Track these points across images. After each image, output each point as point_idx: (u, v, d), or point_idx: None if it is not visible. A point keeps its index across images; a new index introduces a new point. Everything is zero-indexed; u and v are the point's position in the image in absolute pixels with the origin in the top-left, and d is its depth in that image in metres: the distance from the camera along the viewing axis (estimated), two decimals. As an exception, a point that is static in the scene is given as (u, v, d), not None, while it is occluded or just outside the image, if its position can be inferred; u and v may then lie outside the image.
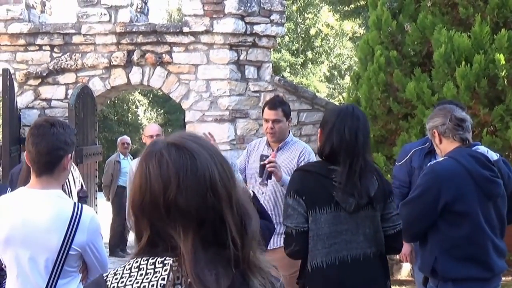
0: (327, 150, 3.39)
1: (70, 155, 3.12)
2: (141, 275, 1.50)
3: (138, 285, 1.48)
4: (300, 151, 4.91)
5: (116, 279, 1.52)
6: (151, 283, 1.47)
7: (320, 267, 3.30)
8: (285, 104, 5.20)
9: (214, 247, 1.52)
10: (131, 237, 10.32)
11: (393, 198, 3.55)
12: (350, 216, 3.33)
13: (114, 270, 1.55)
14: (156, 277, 1.48)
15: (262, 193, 4.77)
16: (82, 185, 5.58)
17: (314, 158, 4.84)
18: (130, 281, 1.50)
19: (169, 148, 1.56)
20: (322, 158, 3.47)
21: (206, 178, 1.53)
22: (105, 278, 1.54)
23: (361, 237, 3.36)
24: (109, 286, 1.51)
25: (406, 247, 4.99)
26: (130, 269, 1.52)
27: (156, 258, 1.51)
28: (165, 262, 1.50)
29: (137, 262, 1.53)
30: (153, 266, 1.50)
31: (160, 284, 1.47)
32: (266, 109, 5.06)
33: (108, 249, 10.13)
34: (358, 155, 3.32)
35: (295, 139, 5.15)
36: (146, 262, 1.51)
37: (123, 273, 1.52)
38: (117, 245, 10.38)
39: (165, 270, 1.49)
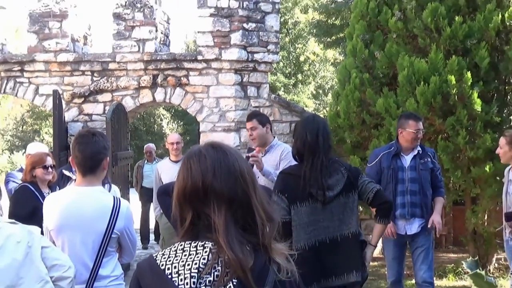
0: (295, 152, 3.48)
1: (108, 158, 3.18)
2: (185, 255, 1.50)
3: (183, 263, 1.48)
4: (281, 151, 4.90)
5: (164, 258, 1.52)
6: (194, 262, 1.48)
7: (303, 248, 3.31)
8: (259, 115, 5.29)
9: (243, 224, 1.54)
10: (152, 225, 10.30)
11: (362, 175, 3.56)
12: (325, 206, 3.36)
13: (162, 251, 1.56)
14: (198, 257, 1.48)
15: None
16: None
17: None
18: (176, 260, 1.50)
19: (206, 147, 1.62)
20: (296, 161, 3.53)
21: (236, 168, 1.57)
22: (155, 257, 1.55)
23: (337, 222, 3.39)
24: (158, 264, 1.51)
25: (436, 216, 4.95)
26: (175, 250, 1.53)
27: (197, 242, 1.52)
28: (205, 245, 1.50)
29: (181, 245, 1.53)
30: (195, 249, 1.50)
31: (202, 263, 1.47)
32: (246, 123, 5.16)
33: (139, 235, 10.13)
34: (319, 153, 3.36)
35: (279, 143, 5.13)
36: (189, 245, 1.52)
37: (169, 254, 1.53)
38: (146, 233, 10.36)
39: (205, 252, 1.49)
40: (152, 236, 10.43)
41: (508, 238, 4.74)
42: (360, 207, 6.62)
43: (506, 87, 7.29)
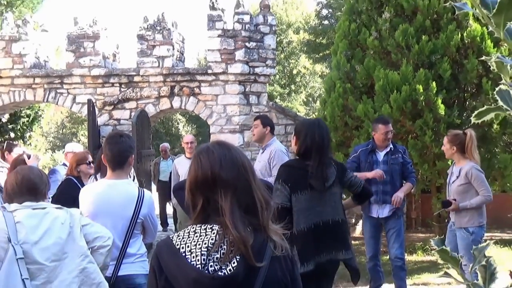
0: (303, 149, 3.37)
1: (133, 155, 3.17)
2: (196, 236, 1.49)
3: (195, 243, 1.48)
4: (270, 151, 4.78)
5: (179, 239, 1.52)
6: (203, 242, 1.47)
7: (302, 230, 3.29)
8: (264, 118, 5.15)
9: (245, 208, 1.52)
10: (169, 210, 10.28)
11: (348, 172, 3.58)
12: (321, 195, 3.33)
13: (177, 233, 1.55)
14: (207, 238, 1.48)
15: None
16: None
17: (281, 154, 4.69)
18: (189, 240, 1.49)
19: (213, 144, 1.61)
20: (298, 157, 3.44)
21: (238, 160, 1.57)
22: (171, 238, 1.54)
23: (329, 208, 3.36)
24: (174, 244, 1.51)
25: (399, 192, 4.98)
26: (188, 232, 1.52)
27: (207, 225, 1.50)
28: (213, 228, 1.49)
29: (193, 227, 1.52)
30: (204, 231, 1.50)
31: (210, 242, 1.47)
32: None
33: (159, 220, 10.11)
34: (324, 153, 3.34)
35: (273, 143, 4.95)
36: (200, 228, 1.51)
37: (183, 235, 1.52)
38: (164, 220, 10.34)
39: (213, 233, 1.48)
40: (170, 221, 10.42)
41: (451, 224, 4.73)
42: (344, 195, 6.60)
43: (465, 95, 7.30)
